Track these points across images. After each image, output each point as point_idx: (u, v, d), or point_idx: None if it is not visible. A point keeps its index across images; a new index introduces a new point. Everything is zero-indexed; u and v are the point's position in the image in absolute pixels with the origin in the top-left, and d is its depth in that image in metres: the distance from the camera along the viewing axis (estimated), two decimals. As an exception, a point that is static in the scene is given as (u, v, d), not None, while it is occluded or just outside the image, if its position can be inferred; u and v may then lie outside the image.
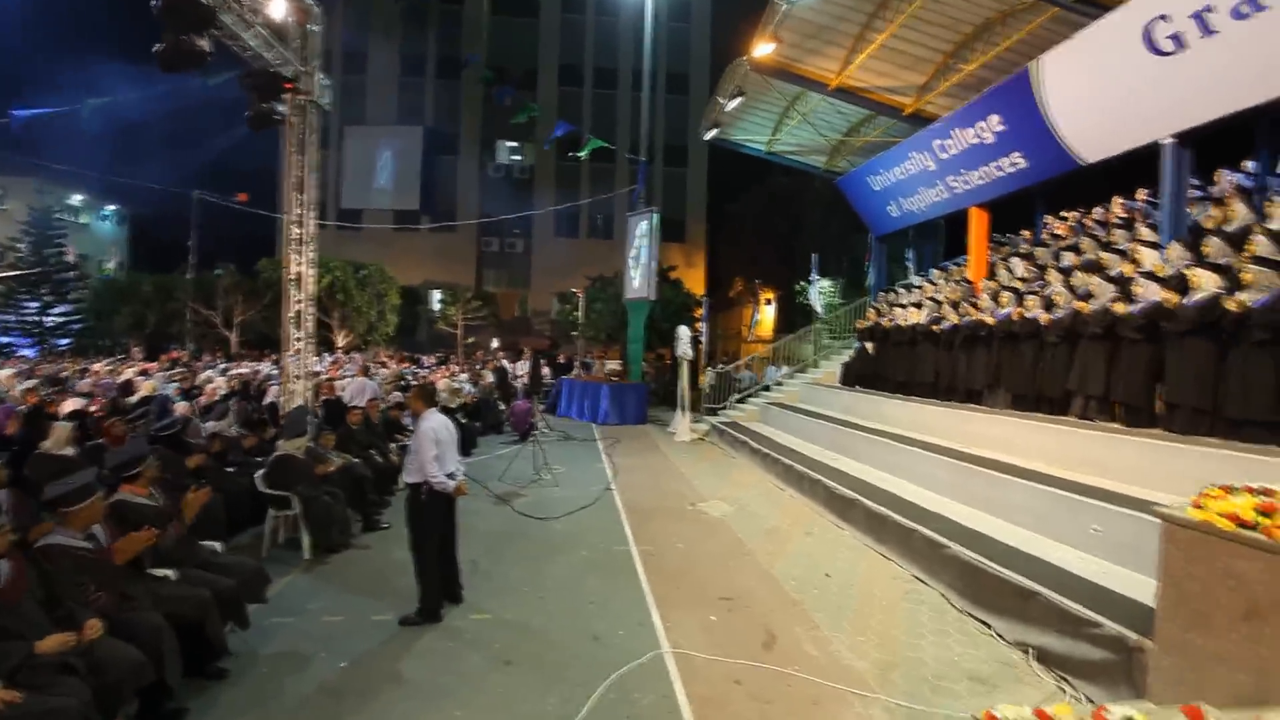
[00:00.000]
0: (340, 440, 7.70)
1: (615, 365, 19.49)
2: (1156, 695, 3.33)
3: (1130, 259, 7.39)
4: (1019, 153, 10.16)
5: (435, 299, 33.52)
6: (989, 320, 8.17)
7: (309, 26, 9.22)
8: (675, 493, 8.78)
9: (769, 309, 28.05)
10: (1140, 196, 10.15)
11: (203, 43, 6.85)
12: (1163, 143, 8.02)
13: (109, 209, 40.93)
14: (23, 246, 29.46)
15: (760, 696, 3.73)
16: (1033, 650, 4.18)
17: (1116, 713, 2.52)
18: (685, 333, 13.58)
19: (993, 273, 10.29)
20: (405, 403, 9.56)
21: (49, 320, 29.01)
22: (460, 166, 35.75)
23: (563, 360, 22.69)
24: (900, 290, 12.77)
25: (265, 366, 15.93)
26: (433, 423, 4.80)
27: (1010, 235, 12.86)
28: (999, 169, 10.68)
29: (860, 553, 6.26)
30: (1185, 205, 8.17)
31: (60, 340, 28.17)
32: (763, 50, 12.13)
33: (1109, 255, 7.84)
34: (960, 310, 9.08)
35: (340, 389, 10.76)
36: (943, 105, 13.08)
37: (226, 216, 27.50)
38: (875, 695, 3.74)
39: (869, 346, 11.18)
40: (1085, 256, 8.63)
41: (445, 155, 35.32)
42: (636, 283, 17.37)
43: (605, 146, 20.30)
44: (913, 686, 3.87)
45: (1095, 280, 7.22)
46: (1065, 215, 12.22)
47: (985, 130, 10.60)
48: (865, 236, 15.99)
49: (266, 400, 10.09)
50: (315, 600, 5.00)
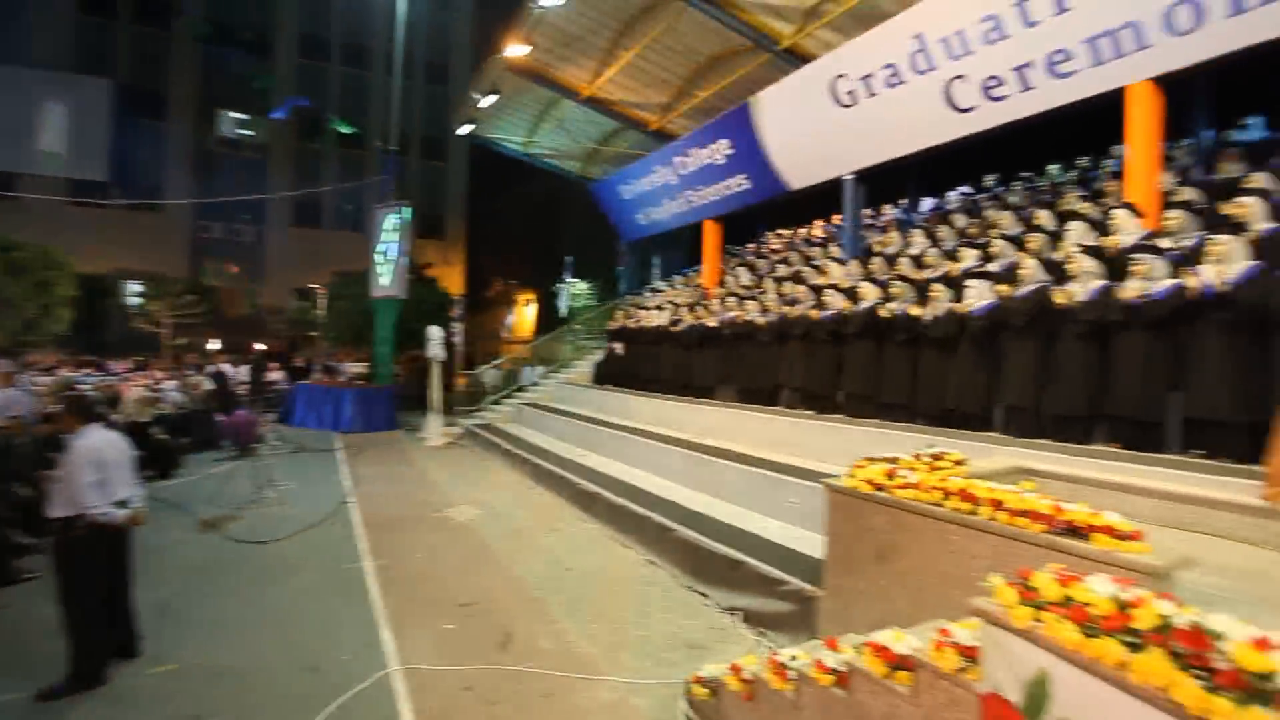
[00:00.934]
0: (-38, 469, 5.94)
1: (361, 368, 17.98)
2: (824, 633, 3.98)
3: (823, 272, 8.81)
4: (744, 175, 11.52)
5: (132, 291, 27.51)
6: (714, 323, 9.12)
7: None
8: (420, 501, 8.34)
9: (529, 310, 28.21)
10: (835, 220, 12.19)
11: None
12: (845, 178, 9.71)
13: None
14: None
15: (491, 699, 3.68)
16: (740, 613, 4.74)
17: (785, 654, 2.94)
18: (437, 333, 13.02)
19: (724, 280, 11.51)
20: (54, 418, 7.69)
21: None
22: (169, 135, 30.10)
23: (301, 364, 20.30)
24: (647, 293, 13.69)
25: None
26: (91, 441, 3.92)
27: (739, 247, 14.57)
28: (728, 188, 12.00)
29: (602, 544, 6.55)
30: (860, 230, 9.99)
31: None
32: (516, 51, 12.14)
33: (808, 269, 9.26)
34: (694, 313, 10.00)
35: (-30, 403, 8.29)
36: (683, 125, 14.32)
37: None
38: (602, 678, 3.92)
39: (618, 346, 11.79)
40: (793, 268, 10.08)
41: (147, 120, 29.44)
42: (385, 280, 16.21)
43: (352, 131, 18.62)
44: (639, 663, 4.14)
45: (800, 289, 8.47)
46: (781, 232, 14.21)
47: (717, 153, 11.85)
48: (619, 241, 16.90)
49: None
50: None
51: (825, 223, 12.95)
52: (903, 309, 6.36)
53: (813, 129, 9.73)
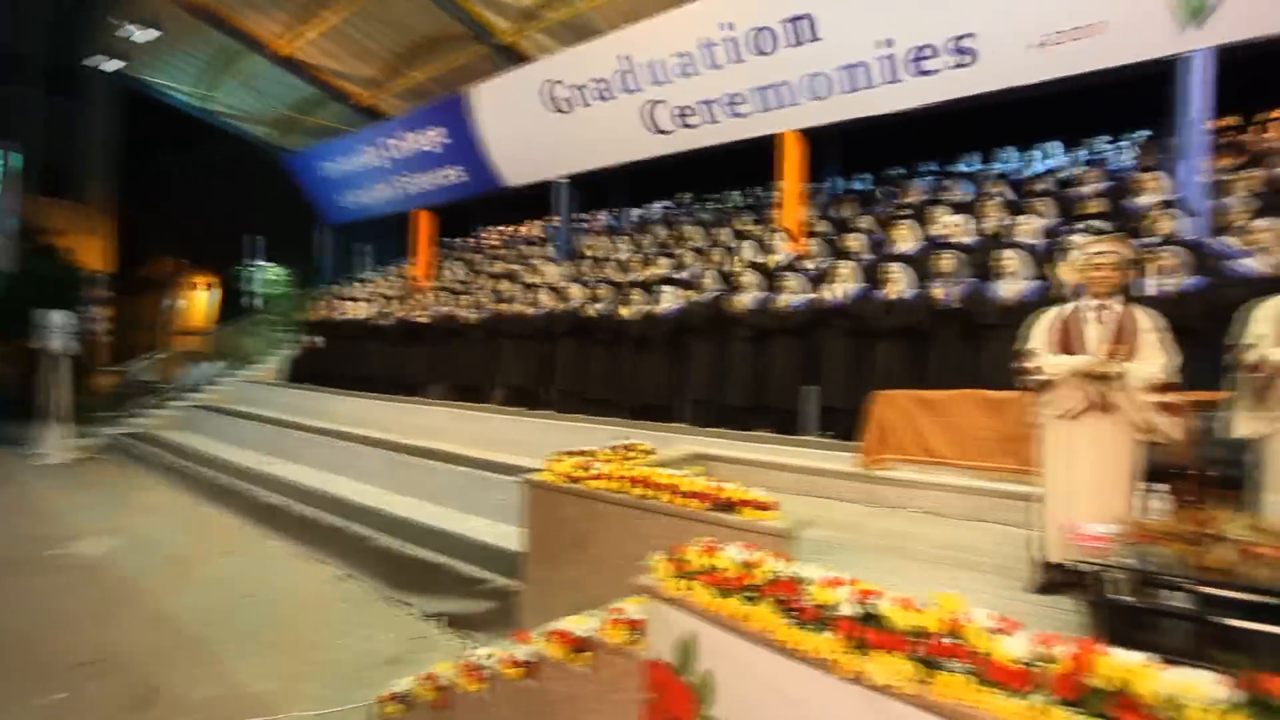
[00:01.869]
0: None
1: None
2: (527, 625, 4.05)
3: (536, 271, 9.00)
4: (460, 166, 11.22)
5: None
6: (425, 318, 8.73)
7: None
8: (28, 536, 6.47)
9: (208, 295, 23.82)
10: (554, 221, 12.53)
11: None
12: (559, 181, 10.06)
13: None
14: None
15: (117, 774, 2.99)
16: (444, 618, 4.59)
17: (479, 655, 2.91)
18: (60, 319, 10.22)
19: (437, 273, 11.06)
20: None
21: None
22: None
23: None
24: (352, 284, 12.54)
25: None
26: None
27: (456, 240, 14.14)
28: (444, 178, 11.57)
29: (289, 563, 5.79)
30: (573, 233, 10.45)
31: None
32: (183, -18, 10.12)
33: (522, 267, 9.38)
34: (404, 306, 9.44)
35: None
36: (395, 105, 13.43)
37: None
38: (273, 718, 3.45)
39: (316, 340, 10.59)
40: (509, 266, 10.12)
41: None
42: (-23, 246, 12.23)
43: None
44: (327, 690, 3.74)
45: (512, 286, 8.52)
46: (499, 229, 14.17)
47: (432, 140, 11.34)
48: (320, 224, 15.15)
49: None
50: None
51: (543, 222, 13.29)
52: (607, 309, 6.81)
53: (529, 129, 9.89)
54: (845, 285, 5.42)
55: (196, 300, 23.78)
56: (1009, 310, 4.50)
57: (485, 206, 14.25)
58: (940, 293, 4.91)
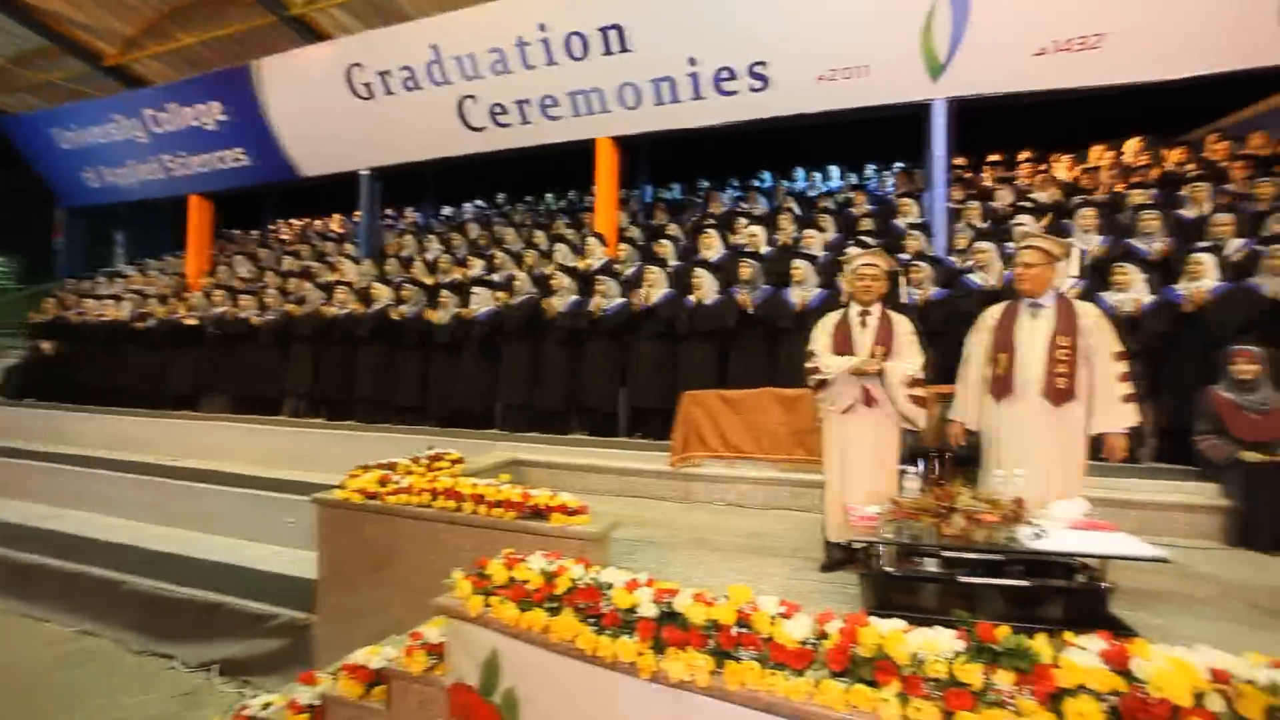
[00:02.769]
0: None
1: None
2: (322, 663, 3.65)
3: (335, 269, 8.23)
4: (242, 149, 9.92)
5: None
6: (194, 320, 7.61)
7: None
8: None
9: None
10: (357, 216, 11.56)
11: None
12: (362, 173, 9.30)
13: None
14: None
15: None
16: (217, 666, 3.99)
17: (255, 704, 2.55)
18: None
19: (215, 269, 9.67)
20: None
21: None
22: None
23: None
24: (100, 279, 10.56)
25: None
26: None
27: (242, 232, 12.51)
28: (222, 160, 10.16)
29: (5, 627, 4.69)
30: (379, 230, 9.73)
31: None
32: None
33: (320, 264, 8.53)
34: (169, 306, 8.14)
35: None
36: (157, 70, 11.56)
37: None
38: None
39: (48, 346, 8.73)
40: (303, 263, 9.14)
41: None
42: None
43: None
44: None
45: (308, 286, 7.70)
46: (294, 222, 12.79)
47: (207, 115, 9.91)
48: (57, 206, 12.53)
49: None
50: None
51: (345, 217, 12.23)
52: (415, 311, 6.41)
53: (328, 115, 9.02)
54: (655, 290, 5.62)
55: None
56: (800, 315, 4.96)
57: (279, 197, 12.80)
58: (741, 298, 5.28)
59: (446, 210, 11.59)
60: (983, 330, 3.08)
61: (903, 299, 4.92)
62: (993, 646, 1.43)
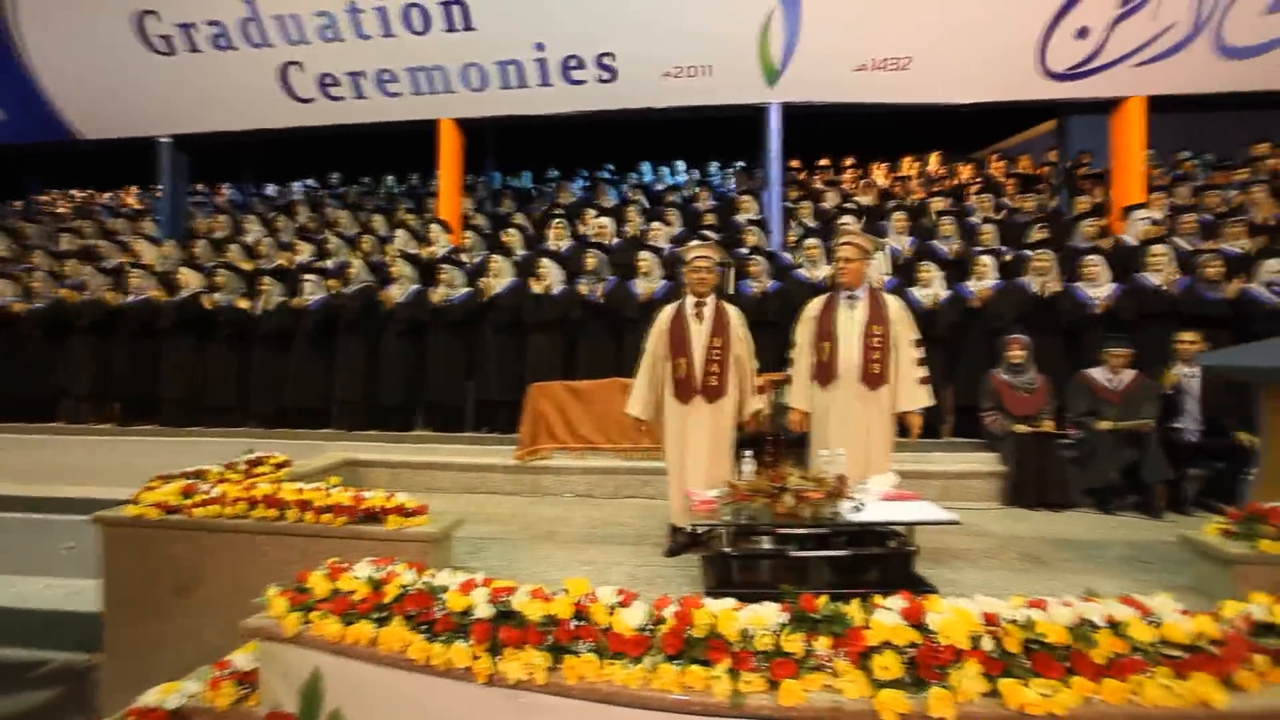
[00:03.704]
0: None
1: None
2: (110, 709, 3.15)
3: (129, 250, 7.13)
4: (-6, 102, 8.25)
5: None
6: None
7: None
8: None
9: None
10: (157, 191, 10.08)
11: None
12: (161, 140, 8.12)
13: None
14: None
15: None
16: (-34, 726, 3.31)
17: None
18: None
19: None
20: None
21: None
22: None
23: None
24: None
25: None
26: None
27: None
28: (-35, 115, 8.38)
29: None
30: (185, 206, 8.57)
31: None
32: None
33: (109, 244, 7.35)
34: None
35: None
36: None
37: None
38: None
39: None
40: (84, 242, 7.82)
41: None
42: None
43: None
44: None
45: (88, 269, 6.59)
46: (73, 193, 10.94)
47: (-58, 59, 8.11)
48: None
49: None
50: None
51: (142, 191, 10.65)
52: (229, 300, 5.72)
53: (113, 70, 7.71)
54: (500, 279, 5.46)
55: None
56: (645, 305, 5.05)
57: (52, 162, 10.85)
58: (587, 288, 5.28)
59: (271, 189, 10.48)
60: (808, 320, 3.32)
61: (729, 290, 5.18)
62: (813, 615, 1.54)
